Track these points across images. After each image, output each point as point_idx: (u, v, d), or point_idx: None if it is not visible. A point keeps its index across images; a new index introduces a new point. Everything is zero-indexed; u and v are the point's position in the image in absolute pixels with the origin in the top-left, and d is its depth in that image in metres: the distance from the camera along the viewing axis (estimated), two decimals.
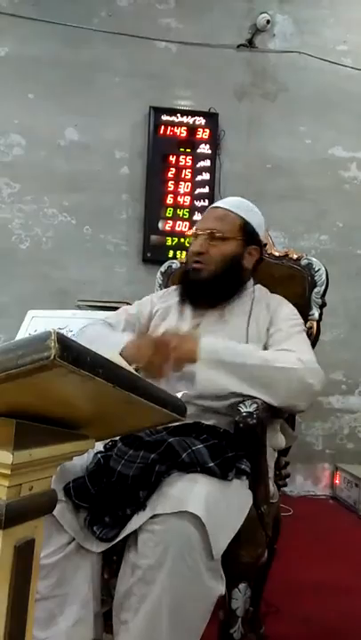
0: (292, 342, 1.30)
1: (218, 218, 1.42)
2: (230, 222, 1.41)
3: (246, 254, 1.42)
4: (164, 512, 0.97)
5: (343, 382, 3.34)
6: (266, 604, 1.52)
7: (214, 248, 1.38)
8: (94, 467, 1.14)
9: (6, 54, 3.18)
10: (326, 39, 3.37)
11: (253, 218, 1.45)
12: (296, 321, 1.38)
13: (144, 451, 1.08)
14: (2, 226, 3.17)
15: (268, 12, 3.29)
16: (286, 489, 2.90)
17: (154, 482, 1.03)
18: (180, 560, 0.95)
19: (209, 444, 1.11)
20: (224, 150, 3.28)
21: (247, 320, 1.36)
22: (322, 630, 1.68)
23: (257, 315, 1.38)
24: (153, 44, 3.26)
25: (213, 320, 1.39)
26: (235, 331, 1.35)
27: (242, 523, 1.09)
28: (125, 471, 1.07)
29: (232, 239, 1.39)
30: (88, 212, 3.20)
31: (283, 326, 1.35)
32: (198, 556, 0.96)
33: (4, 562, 0.66)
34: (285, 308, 1.41)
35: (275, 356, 1.24)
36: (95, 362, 0.61)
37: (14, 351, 0.57)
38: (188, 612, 0.97)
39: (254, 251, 1.44)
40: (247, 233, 1.42)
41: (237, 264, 1.40)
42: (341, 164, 3.39)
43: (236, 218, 1.42)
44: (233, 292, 1.41)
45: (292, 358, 1.23)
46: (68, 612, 1.05)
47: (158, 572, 0.95)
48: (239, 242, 1.40)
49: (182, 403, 0.84)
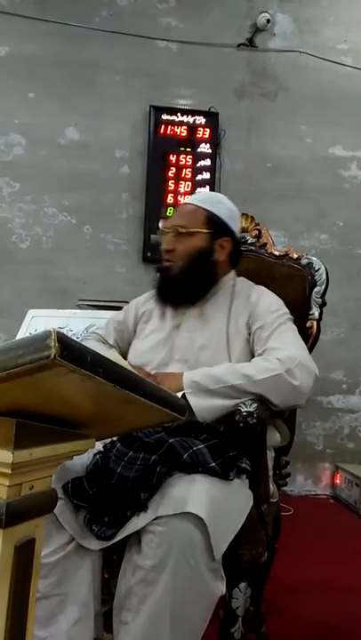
0: (275, 339, 1.28)
1: (183, 214, 1.41)
2: (195, 216, 1.39)
3: (217, 247, 1.39)
4: (167, 514, 0.97)
5: (344, 382, 3.34)
6: (266, 604, 1.53)
7: (181, 244, 1.37)
8: (93, 467, 1.14)
9: (6, 53, 3.17)
10: (326, 38, 3.37)
11: (221, 209, 1.41)
12: (278, 312, 1.34)
13: (144, 452, 1.08)
14: (2, 225, 3.16)
15: (268, 11, 3.28)
16: (287, 488, 2.89)
17: (155, 483, 1.03)
18: (182, 561, 0.95)
19: (210, 444, 1.11)
20: (224, 149, 3.28)
21: (227, 317, 1.35)
22: (322, 629, 1.68)
23: (236, 311, 1.36)
24: (153, 43, 3.25)
25: (193, 319, 1.38)
26: (215, 331, 1.34)
27: (243, 523, 1.09)
28: (126, 473, 1.06)
29: (198, 233, 1.37)
30: (88, 211, 3.20)
31: (265, 321, 1.31)
32: (200, 556, 0.96)
33: (4, 561, 0.66)
34: (265, 299, 1.38)
35: (256, 369, 1.21)
36: (95, 361, 0.61)
37: (15, 350, 0.57)
38: (190, 613, 0.97)
39: (226, 242, 1.40)
40: (214, 225, 1.38)
41: (206, 258, 1.38)
42: (342, 163, 3.39)
43: (202, 211, 1.39)
44: (206, 288, 1.39)
45: (274, 363, 1.20)
46: (68, 611, 1.06)
47: (160, 573, 0.95)
48: (205, 235, 1.37)
49: (183, 402, 0.84)
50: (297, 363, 1.21)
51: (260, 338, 1.30)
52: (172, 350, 1.35)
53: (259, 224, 1.64)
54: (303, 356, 1.26)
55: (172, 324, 1.39)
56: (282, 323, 1.32)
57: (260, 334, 1.31)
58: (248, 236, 1.63)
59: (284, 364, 1.20)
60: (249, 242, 1.62)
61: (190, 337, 1.35)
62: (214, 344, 1.32)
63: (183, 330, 1.37)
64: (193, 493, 1.00)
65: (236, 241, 1.45)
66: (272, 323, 1.31)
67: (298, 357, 1.23)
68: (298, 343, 1.30)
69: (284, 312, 1.36)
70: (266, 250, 1.59)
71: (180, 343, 1.35)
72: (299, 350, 1.27)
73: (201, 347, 1.32)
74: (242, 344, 1.32)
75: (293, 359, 1.22)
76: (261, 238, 1.61)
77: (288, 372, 1.19)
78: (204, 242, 1.37)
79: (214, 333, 1.33)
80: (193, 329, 1.36)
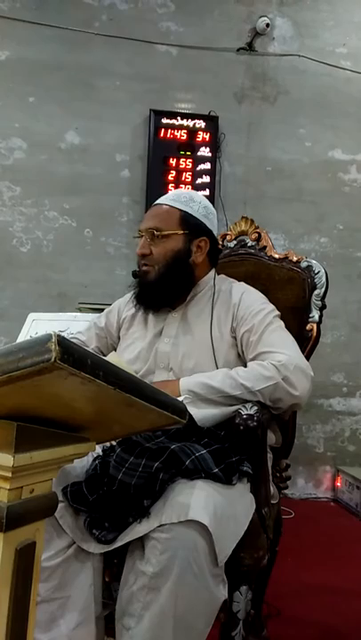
0: (265, 342, 1.25)
1: (156, 215, 1.35)
2: (169, 218, 1.34)
3: (194, 248, 1.34)
4: (171, 522, 0.96)
5: (344, 385, 3.33)
6: (267, 607, 1.52)
7: (156, 247, 1.32)
8: (92, 472, 1.13)
9: (7, 58, 3.18)
10: (326, 42, 3.38)
11: (195, 208, 1.36)
12: (264, 311, 1.31)
13: (146, 459, 1.06)
14: (3, 229, 3.17)
15: (267, 15, 3.30)
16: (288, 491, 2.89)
17: (158, 490, 1.02)
18: (186, 568, 0.94)
19: (212, 450, 1.10)
20: (224, 153, 3.29)
21: (210, 322, 1.32)
22: (323, 633, 1.67)
23: (219, 314, 1.33)
24: (153, 47, 3.27)
25: (175, 324, 1.35)
26: (198, 337, 1.31)
27: (246, 527, 1.09)
28: (127, 480, 1.05)
29: (173, 235, 1.32)
30: (89, 214, 3.21)
31: (252, 323, 1.28)
32: (205, 563, 0.96)
33: (5, 565, 0.66)
34: (247, 299, 1.34)
35: (253, 378, 1.19)
36: (96, 364, 0.61)
37: (15, 354, 0.57)
38: (193, 619, 0.97)
39: (203, 242, 1.36)
40: (190, 225, 1.34)
41: (184, 260, 1.33)
42: (341, 167, 3.40)
43: (176, 211, 1.34)
44: (186, 290, 1.36)
45: (271, 370, 1.19)
46: (69, 614, 1.05)
47: (164, 580, 0.94)
48: (181, 237, 1.33)
49: (183, 405, 0.84)
50: (293, 367, 1.20)
51: (250, 342, 1.28)
52: (156, 358, 1.32)
53: (258, 227, 1.64)
54: (297, 356, 1.24)
55: (154, 332, 1.36)
56: (270, 323, 1.29)
57: (249, 338, 1.28)
58: (248, 239, 1.64)
59: (280, 372, 1.19)
60: (249, 245, 1.63)
61: (173, 344, 1.32)
62: (198, 351, 1.29)
63: (165, 336, 1.34)
64: (196, 500, 0.99)
65: (214, 239, 1.40)
66: (260, 324, 1.28)
67: (293, 361, 1.21)
68: (289, 342, 1.28)
69: (269, 310, 1.32)
70: (266, 253, 1.59)
71: (164, 350, 1.32)
72: (292, 351, 1.25)
73: (185, 354, 1.30)
74: (227, 349, 1.30)
75: (289, 364, 1.20)
76: (261, 241, 1.61)
77: (286, 380, 1.18)
78: (180, 244, 1.33)
79: (197, 339, 1.31)
80: (175, 335, 1.33)
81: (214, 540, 0.96)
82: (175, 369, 1.29)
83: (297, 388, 1.20)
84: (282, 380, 1.18)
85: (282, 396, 1.20)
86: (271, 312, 1.32)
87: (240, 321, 1.31)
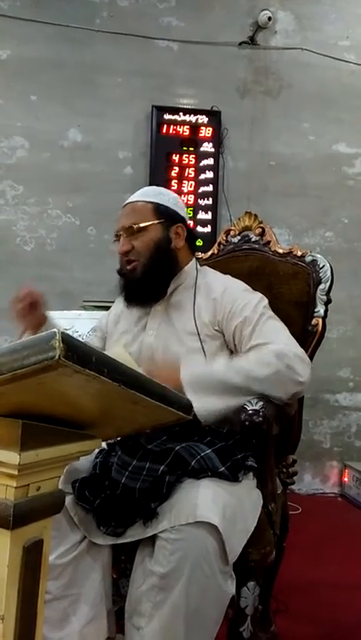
0: (259, 333, 1.24)
1: (130, 212, 1.37)
2: (143, 211, 1.36)
3: (173, 235, 1.36)
4: (180, 523, 0.96)
5: (351, 380, 3.32)
6: (275, 603, 1.52)
7: (137, 241, 1.34)
8: (92, 471, 1.13)
9: (8, 56, 3.18)
10: (328, 35, 3.36)
11: (164, 199, 1.39)
12: (253, 301, 1.30)
13: (150, 462, 1.06)
14: (6, 228, 3.17)
15: (269, 8, 3.27)
16: (295, 487, 2.89)
17: (166, 493, 1.01)
18: (197, 569, 0.94)
19: (216, 448, 1.10)
20: (227, 148, 3.27)
21: (193, 312, 1.31)
22: (332, 628, 1.67)
23: (199, 305, 1.32)
24: (154, 43, 3.25)
25: (159, 318, 1.35)
26: (181, 328, 1.30)
27: (255, 524, 1.08)
28: (131, 484, 1.05)
29: (150, 226, 1.34)
30: (92, 212, 3.20)
31: (244, 316, 1.27)
32: (215, 563, 0.96)
33: (13, 562, 0.66)
34: (233, 290, 1.34)
35: (254, 364, 1.17)
36: (100, 361, 0.61)
37: (20, 351, 0.57)
38: (203, 617, 0.97)
39: (180, 229, 1.37)
40: (164, 214, 1.36)
41: (166, 247, 1.35)
42: (345, 161, 3.38)
43: (147, 204, 1.37)
44: (171, 278, 1.36)
45: (271, 358, 1.17)
46: (81, 611, 1.06)
47: (175, 581, 0.94)
48: (158, 225, 1.34)
49: (188, 401, 0.84)
50: (293, 355, 1.19)
51: (243, 335, 1.26)
52: (141, 352, 1.32)
53: (262, 222, 1.63)
54: (292, 344, 1.23)
55: (139, 326, 1.37)
56: (262, 314, 1.28)
57: (243, 331, 1.26)
58: (252, 234, 1.63)
59: (281, 360, 1.17)
60: (253, 240, 1.62)
61: (156, 335, 1.32)
62: (182, 341, 1.29)
63: (149, 328, 1.34)
64: (205, 500, 0.98)
65: (187, 225, 1.42)
66: (251, 316, 1.27)
67: (291, 349, 1.20)
68: (282, 331, 1.27)
69: (258, 300, 1.31)
70: (270, 248, 1.58)
71: (148, 342, 1.32)
72: (287, 340, 1.24)
73: (168, 345, 1.29)
74: (211, 339, 1.29)
75: (288, 352, 1.19)
76: (265, 236, 1.60)
77: (289, 368, 1.17)
78: (159, 232, 1.35)
79: (180, 330, 1.30)
80: (157, 327, 1.34)
81: (225, 540, 0.96)
82: (159, 360, 1.28)
83: (301, 374, 1.18)
84: (285, 367, 1.17)
85: (286, 383, 1.18)
86: (260, 302, 1.31)
87: (228, 315, 1.29)
